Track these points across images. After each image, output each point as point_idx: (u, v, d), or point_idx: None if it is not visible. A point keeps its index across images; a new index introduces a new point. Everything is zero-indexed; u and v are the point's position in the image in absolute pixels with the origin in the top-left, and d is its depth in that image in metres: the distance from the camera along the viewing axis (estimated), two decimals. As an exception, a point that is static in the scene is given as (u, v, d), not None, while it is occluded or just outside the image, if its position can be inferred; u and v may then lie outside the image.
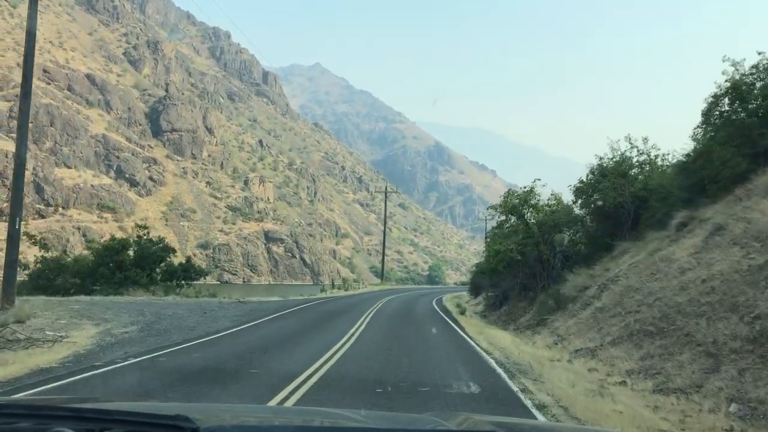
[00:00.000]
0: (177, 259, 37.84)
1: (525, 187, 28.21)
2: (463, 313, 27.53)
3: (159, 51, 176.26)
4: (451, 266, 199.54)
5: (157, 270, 33.47)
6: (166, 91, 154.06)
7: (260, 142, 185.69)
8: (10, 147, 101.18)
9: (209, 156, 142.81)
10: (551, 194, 28.28)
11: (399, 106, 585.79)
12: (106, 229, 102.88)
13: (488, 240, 30.97)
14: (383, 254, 59.94)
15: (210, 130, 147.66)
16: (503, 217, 28.43)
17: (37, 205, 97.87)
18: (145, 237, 34.35)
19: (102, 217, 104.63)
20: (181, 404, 3.70)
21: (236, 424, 2.05)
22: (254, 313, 22.75)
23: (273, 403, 8.18)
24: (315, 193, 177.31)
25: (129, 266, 31.80)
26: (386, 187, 56.47)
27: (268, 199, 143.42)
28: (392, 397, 8.86)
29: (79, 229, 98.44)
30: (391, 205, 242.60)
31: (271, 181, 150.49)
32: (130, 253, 32.73)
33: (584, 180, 26.03)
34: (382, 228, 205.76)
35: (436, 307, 33.00)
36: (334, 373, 10.75)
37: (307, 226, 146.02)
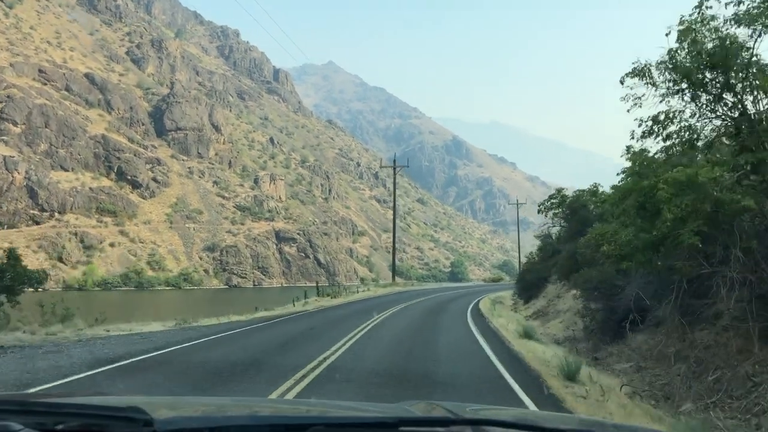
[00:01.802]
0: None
1: None
2: (571, 376, 10.18)
3: (164, 49, 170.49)
4: (474, 261, 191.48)
5: None
6: (171, 89, 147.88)
7: (271, 139, 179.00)
8: (3, 150, 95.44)
9: (216, 155, 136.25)
10: None
11: (414, 102, 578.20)
12: (106, 234, 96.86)
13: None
14: (393, 246, 50.19)
15: (217, 128, 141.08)
16: (667, 97, 11.67)
17: (31, 211, 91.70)
18: None
19: (101, 222, 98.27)
20: (136, 397, 2.98)
21: (190, 415, 2.01)
22: None
23: None
24: (329, 190, 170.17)
25: None
26: (395, 161, 47.94)
27: (280, 198, 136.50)
28: None
29: (76, 234, 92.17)
30: (409, 201, 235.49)
31: (282, 179, 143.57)
32: None
33: None
34: (401, 224, 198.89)
35: (481, 340, 15.87)
36: None
37: (321, 224, 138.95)
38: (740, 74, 10.74)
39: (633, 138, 12.48)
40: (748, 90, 10.94)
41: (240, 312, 24.31)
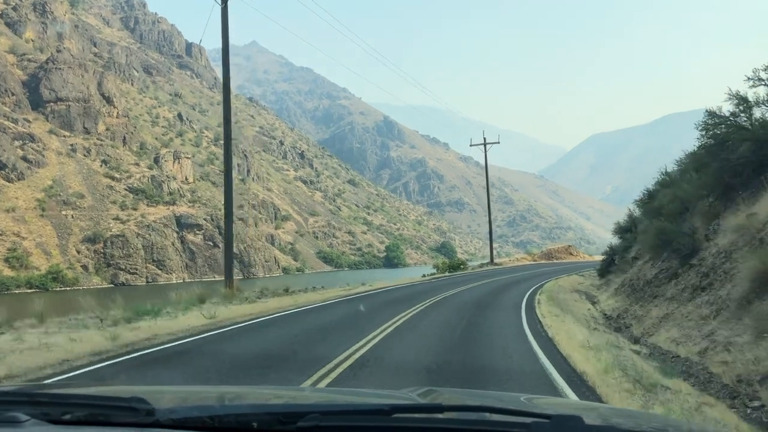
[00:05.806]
0: None
1: None
2: None
3: (48, 14, 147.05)
4: (410, 245, 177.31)
5: None
6: (57, 52, 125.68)
7: (179, 115, 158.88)
8: None
9: (108, 130, 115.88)
10: None
11: (344, 83, 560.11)
12: (-50, 226, 76.67)
13: None
14: (227, 208, 29.41)
15: (108, 99, 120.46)
16: None
17: None
18: None
19: (-55, 211, 78.00)
20: (140, 387, 3.13)
21: (191, 405, 2.05)
22: None
23: None
24: (248, 171, 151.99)
25: None
26: (223, 28, 30.51)
27: (186, 179, 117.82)
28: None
29: None
30: (339, 182, 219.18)
31: (189, 157, 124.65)
32: None
33: None
34: (330, 207, 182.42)
35: None
36: None
37: (237, 208, 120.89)
38: None
39: None
40: None
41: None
